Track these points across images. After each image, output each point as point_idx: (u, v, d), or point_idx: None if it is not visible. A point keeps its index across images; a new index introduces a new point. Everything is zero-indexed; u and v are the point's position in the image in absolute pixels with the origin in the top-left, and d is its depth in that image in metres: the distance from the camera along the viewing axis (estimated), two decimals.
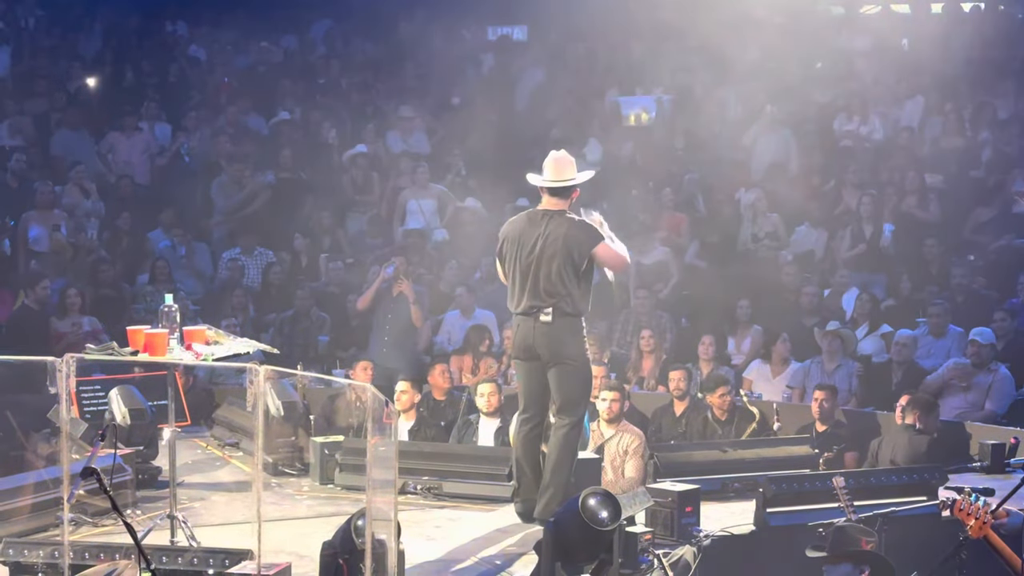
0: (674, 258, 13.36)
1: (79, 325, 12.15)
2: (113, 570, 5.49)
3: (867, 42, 15.87)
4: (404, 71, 16.25)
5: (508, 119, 15.50)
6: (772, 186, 13.87)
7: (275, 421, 9.82)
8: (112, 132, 15.30)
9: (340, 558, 6.64)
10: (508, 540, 8.24)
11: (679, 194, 14.15)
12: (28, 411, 9.70)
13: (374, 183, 14.94)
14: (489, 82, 16.16)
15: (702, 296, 12.73)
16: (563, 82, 15.50)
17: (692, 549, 7.57)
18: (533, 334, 7.98)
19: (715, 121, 14.94)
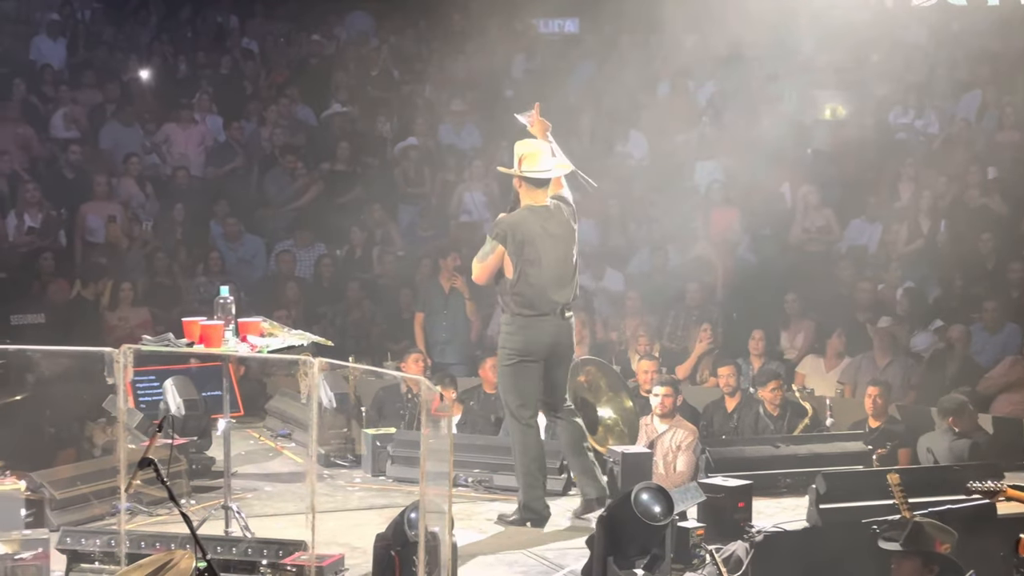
0: (724, 252, 13.32)
1: (131, 317, 12.26)
2: (169, 560, 5.52)
3: (923, 34, 15.72)
4: (456, 64, 16.26)
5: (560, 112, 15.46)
6: (825, 180, 13.78)
7: (328, 413, 9.90)
8: (168, 124, 15.41)
9: (392, 550, 6.67)
10: (559, 534, 8.26)
11: (730, 188, 14.10)
12: (84, 401, 9.82)
13: (425, 176, 14.98)
14: (541, 75, 16.14)
15: (752, 290, 12.68)
16: (615, 75, 15.45)
17: (744, 545, 7.55)
18: (558, 332, 8.10)
19: (768, 114, 14.84)
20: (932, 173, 13.67)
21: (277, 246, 14.05)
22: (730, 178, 14.02)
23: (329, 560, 6.63)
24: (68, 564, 6.95)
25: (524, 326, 8.07)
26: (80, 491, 8.32)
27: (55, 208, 13.82)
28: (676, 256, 13.42)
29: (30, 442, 9.28)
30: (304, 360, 6.95)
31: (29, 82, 15.53)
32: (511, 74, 16.35)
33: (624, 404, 10.14)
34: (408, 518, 6.49)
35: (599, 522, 6.67)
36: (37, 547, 6.80)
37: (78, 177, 14.28)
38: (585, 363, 10.36)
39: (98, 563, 6.89)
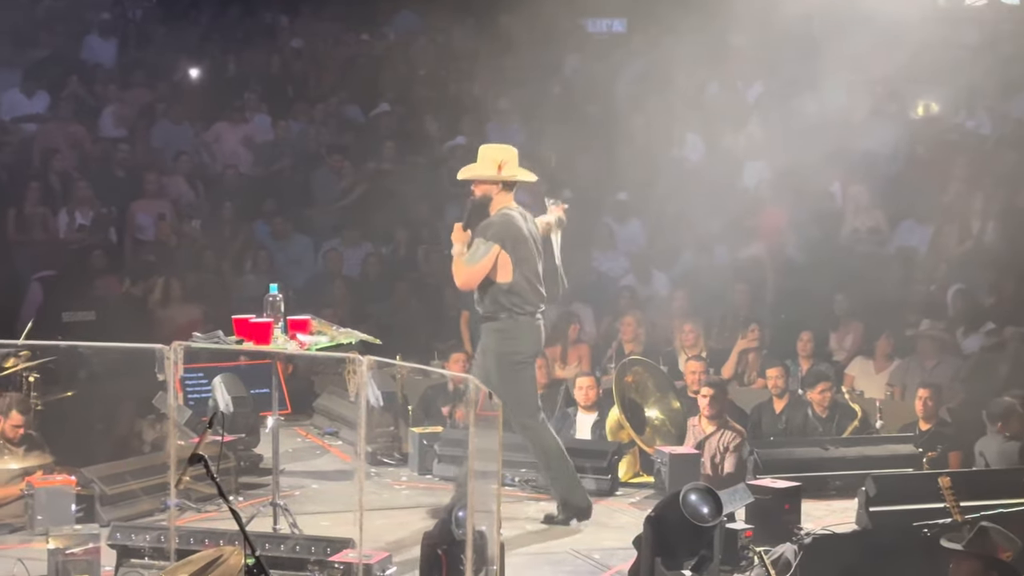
0: (772, 252, 13.25)
1: (180, 315, 12.34)
2: (219, 556, 5.56)
3: (974, 34, 15.57)
4: (503, 63, 16.27)
5: (606, 112, 15.45)
6: (876, 181, 13.68)
7: (375, 411, 9.92)
8: (219, 122, 15.51)
9: (439, 549, 6.68)
10: (606, 534, 8.26)
11: (779, 188, 14.02)
12: (134, 397, 9.89)
13: None
14: (588, 74, 16.13)
15: (801, 291, 12.60)
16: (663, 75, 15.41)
17: (793, 547, 7.51)
18: (542, 334, 8.26)
19: (818, 114, 14.75)
20: (983, 174, 13.53)
21: (324, 245, 14.10)
22: (779, 178, 13.93)
23: (377, 558, 6.64)
24: (118, 559, 7.01)
25: (522, 326, 8.12)
26: (130, 487, 8.41)
27: (106, 206, 13.93)
28: (724, 256, 13.36)
29: (81, 438, 9.37)
30: (352, 358, 6.97)
31: (81, 81, 15.66)
32: (558, 73, 16.32)
33: (672, 405, 10.14)
34: (456, 516, 6.50)
35: (647, 522, 6.65)
36: (88, 542, 6.87)
37: (128, 175, 14.39)
38: (632, 363, 10.36)
39: (148, 558, 6.94)
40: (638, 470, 9.69)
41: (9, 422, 8.47)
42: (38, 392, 9.40)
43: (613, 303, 12.63)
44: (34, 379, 9.41)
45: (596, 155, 14.31)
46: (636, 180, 14.20)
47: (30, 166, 14.35)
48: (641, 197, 14.16)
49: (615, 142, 14.53)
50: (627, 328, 11.81)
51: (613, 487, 9.29)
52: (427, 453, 9.77)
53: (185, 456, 5.66)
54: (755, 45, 15.36)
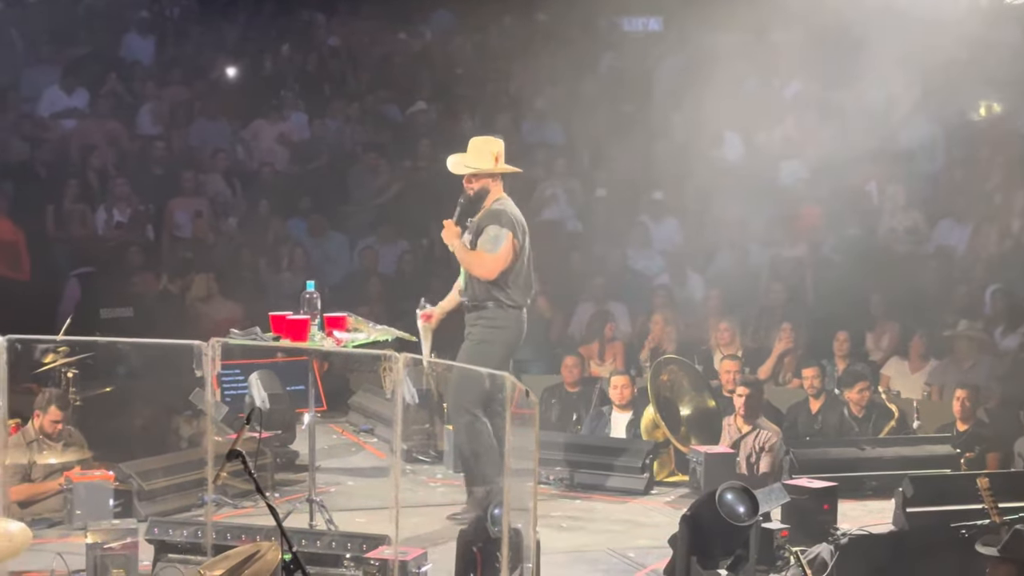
0: (808, 252, 13.19)
1: (217, 312, 12.40)
2: (256, 551, 5.57)
3: (1016, 33, 15.44)
4: (540, 62, 16.26)
5: (642, 110, 15.43)
6: (914, 180, 13.59)
7: (410, 408, 9.94)
8: (256, 120, 15.58)
9: (474, 547, 6.69)
10: (641, 533, 8.25)
11: (815, 187, 13.96)
12: (171, 394, 9.94)
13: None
14: (624, 73, 16.10)
15: (837, 290, 12.54)
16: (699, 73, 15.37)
17: (829, 547, 7.48)
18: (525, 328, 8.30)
19: (855, 112, 14.68)
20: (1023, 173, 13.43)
21: (360, 243, 14.13)
22: (816, 176, 13.88)
23: (412, 555, 6.65)
24: (156, 554, 7.05)
25: (514, 318, 8.15)
26: (167, 482, 8.47)
27: (143, 203, 14.01)
28: (760, 255, 13.32)
29: (118, 433, 9.42)
30: (388, 355, 6.99)
31: (119, 78, 15.76)
32: (594, 71, 16.30)
33: (707, 403, 10.13)
34: (491, 514, 6.50)
35: (683, 521, 6.64)
36: (126, 537, 6.90)
37: (166, 173, 14.47)
38: (667, 362, 10.35)
39: (185, 553, 6.97)
40: (673, 469, 9.68)
41: (48, 417, 8.53)
42: (77, 388, 9.45)
43: (648, 302, 12.61)
44: (72, 375, 9.47)
45: (631, 153, 14.28)
46: (672, 178, 14.17)
47: (69, 163, 14.45)
48: (677, 195, 14.13)
49: (651, 140, 14.50)
50: (656, 326, 11.80)
51: (648, 486, 9.28)
52: None
53: (222, 452, 5.69)
54: (793, 42, 15.29)
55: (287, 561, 5.42)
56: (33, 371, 9.36)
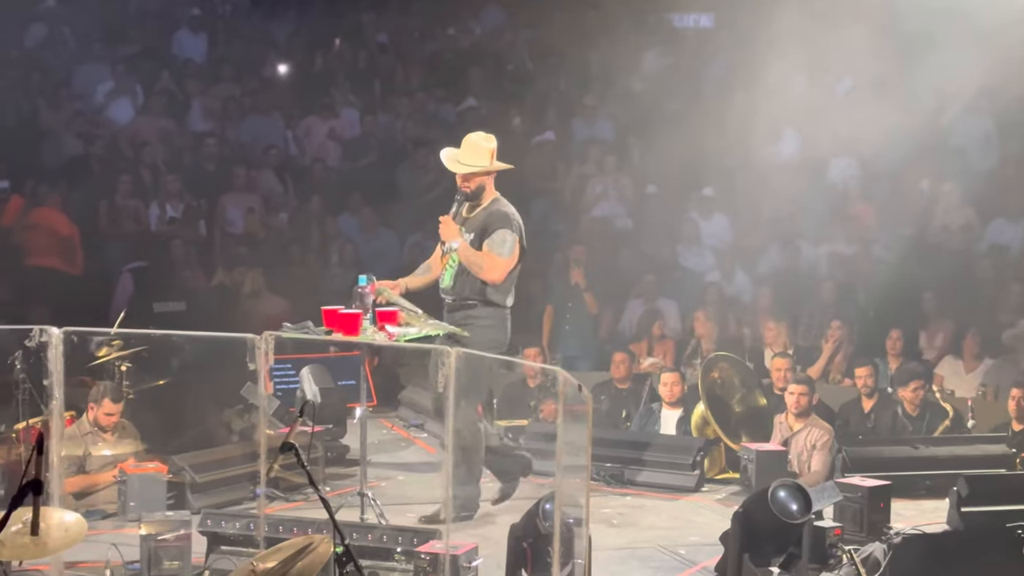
0: (860, 249, 13.09)
1: (268, 307, 12.46)
2: (308, 544, 5.58)
3: None
4: (590, 58, 16.24)
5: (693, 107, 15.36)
6: (967, 177, 13.46)
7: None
8: (308, 117, 15.65)
9: (524, 543, 6.67)
10: (691, 529, 8.23)
11: (867, 184, 13.86)
12: (222, 387, 9.98)
13: (558, 170, 14.99)
14: (675, 69, 16.04)
15: (889, 289, 12.44)
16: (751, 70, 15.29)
17: (882, 546, 7.41)
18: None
19: (907, 110, 14.55)
20: None
21: (409, 239, 14.15)
22: (867, 174, 13.77)
23: (463, 549, 6.64)
24: (208, 546, 7.08)
25: (502, 319, 8.16)
26: (219, 475, 8.51)
27: (195, 199, 14.11)
28: (810, 253, 13.24)
29: (172, 426, 9.48)
30: (441, 350, 6.99)
31: (171, 76, 15.87)
32: (644, 68, 16.25)
33: (758, 401, 10.08)
34: (542, 509, 6.48)
35: (735, 518, 6.60)
36: (179, 528, 6.93)
37: (218, 168, 14.56)
38: (718, 359, 10.31)
39: (237, 546, 7.00)
40: (724, 466, 9.64)
41: (102, 410, 8.60)
42: (130, 381, 9.53)
43: (698, 299, 12.57)
44: (126, 368, 9.55)
45: (682, 150, 14.22)
46: (722, 175, 14.11)
47: (122, 159, 14.56)
48: (727, 192, 14.07)
49: (701, 137, 14.43)
50: (699, 324, 11.75)
51: (699, 483, 9.25)
52: None
53: (274, 446, 5.71)
54: (845, 39, 15.17)
55: (339, 554, 5.43)
56: (87, 364, 9.43)
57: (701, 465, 9.31)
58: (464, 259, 8.04)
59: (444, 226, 8.15)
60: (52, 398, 6.81)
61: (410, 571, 6.66)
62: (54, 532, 5.25)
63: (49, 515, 5.27)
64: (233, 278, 13.02)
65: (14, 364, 8.29)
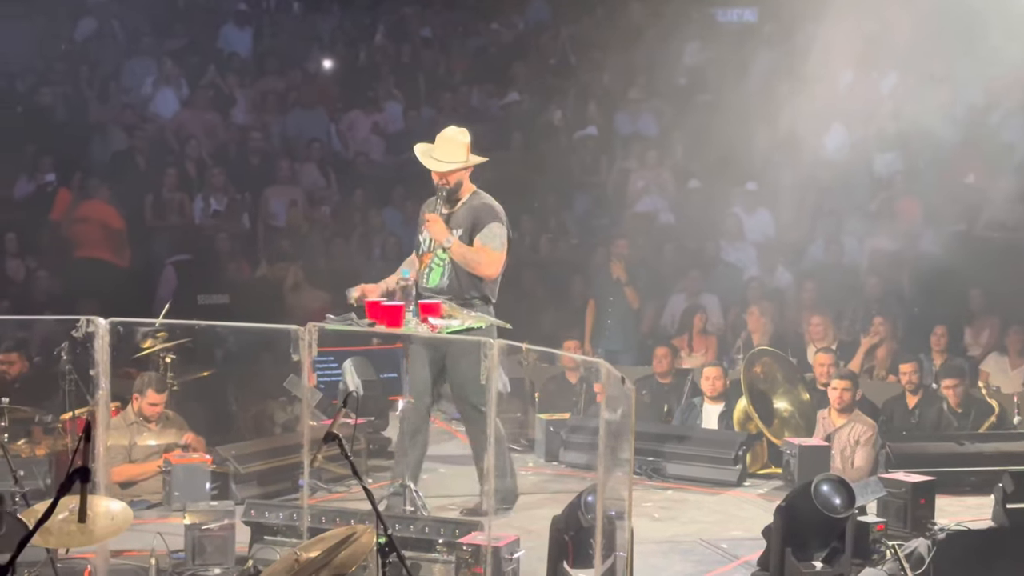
0: (906, 245, 13.00)
1: (311, 299, 12.51)
2: (351, 534, 5.61)
3: None
4: (634, 52, 16.20)
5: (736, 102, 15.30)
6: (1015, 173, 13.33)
7: (502, 397, 9.93)
8: (352, 111, 15.70)
9: (566, 535, 6.67)
10: (733, 524, 8.20)
11: (913, 180, 13.75)
12: (266, 379, 10.05)
13: (601, 164, 14.97)
14: (719, 64, 15.98)
15: (935, 284, 12.35)
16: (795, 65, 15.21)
17: (926, 542, 7.37)
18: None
19: (953, 104, 14.44)
20: None
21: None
22: (913, 169, 13.67)
23: (505, 541, 6.66)
24: (252, 535, 7.13)
25: (493, 314, 8.08)
26: (263, 466, 8.56)
27: (239, 192, 14.19)
28: (855, 248, 13.16)
29: (216, 417, 9.55)
30: (483, 342, 6.99)
31: (217, 70, 15.97)
32: (688, 63, 16.20)
33: (800, 396, 10.03)
34: (584, 502, 6.48)
35: (778, 512, 6.59)
36: (223, 518, 6.97)
37: (262, 162, 14.63)
38: (761, 354, 10.27)
39: (281, 536, 7.04)
40: (766, 461, 9.61)
41: (146, 400, 8.67)
42: (175, 372, 9.59)
43: (740, 293, 12.52)
44: (171, 360, 9.61)
45: (724, 145, 14.18)
46: (766, 170, 14.04)
47: (167, 153, 14.66)
48: (770, 187, 14.00)
49: (744, 132, 14.37)
50: (753, 319, 11.71)
51: (741, 478, 9.22)
52: (554, 440, 9.79)
53: (317, 437, 5.74)
54: (891, 34, 15.08)
55: (382, 544, 5.45)
56: (133, 356, 9.50)
57: (743, 460, 9.29)
58: (459, 256, 7.92)
59: (434, 225, 8.01)
60: (98, 388, 6.88)
61: (452, 562, 6.68)
62: (100, 520, 5.30)
63: (95, 504, 5.32)
64: (275, 271, 13.08)
65: (60, 355, 8.37)
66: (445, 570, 6.71)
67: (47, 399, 8.90)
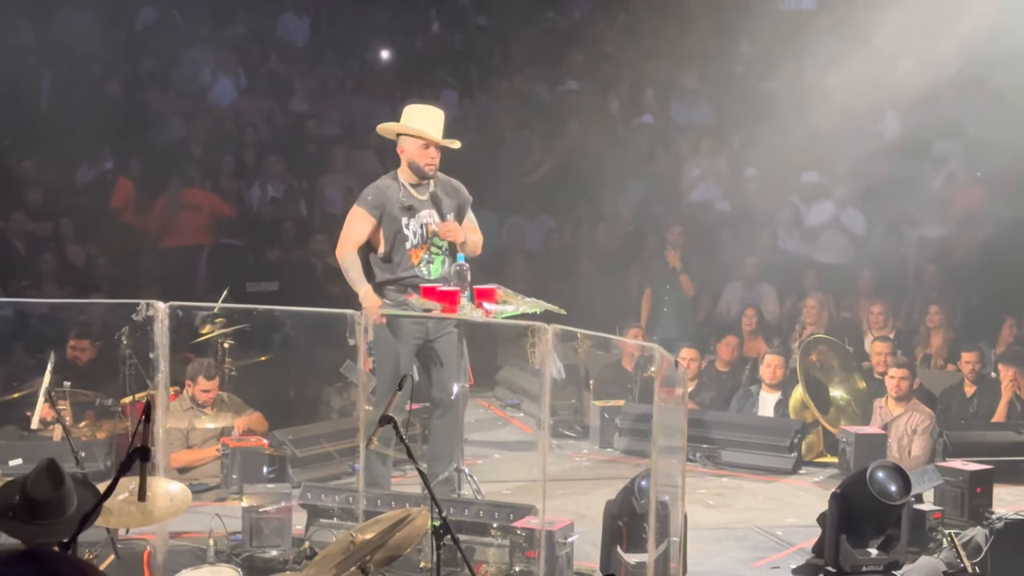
0: (967, 232, 12.87)
1: None
2: (406, 516, 5.65)
3: None
4: (690, 41, 16.13)
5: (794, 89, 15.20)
6: None
7: (557, 384, 9.95)
8: (408, 99, 15.73)
9: (619, 520, 6.68)
10: (788, 511, 8.18)
11: (975, 167, 13.61)
12: (322, 365, 10.10)
13: (656, 153, 14.93)
14: (776, 51, 15.87)
15: (998, 272, 12.21)
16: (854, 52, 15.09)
17: (984, 531, 7.31)
18: None
19: (1014, 91, 14.26)
20: None
21: (507, 220, 14.19)
22: (975, 157, 13.53)
23: (559, 525, 6.68)
24: (308, 518, 7.19)
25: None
26: (319, 450, 8.62)
27: (296, 179, 14.27)
28: (913, 236, 13.05)
29: (273, 401, 9.61)
30: (537, 327, 7.01)
31: (277, 58, 16.07)
32: (745, 50, 16.11)
33: (857, 385, 9.98)
34: (638, 487, 6.48)
35: (833, 499, 6.56)
36: (280, 501, 7.04)
37: (319, 150, 14.71)
38: (817, 342, 10.22)
39: (336, 518, 7.10)
40: (822, 450, 9.58)
41: (197, 387, 8.75)
42: (232, 357, 9.67)
43: (797, 282, 12.46)
44: (229, 345, 9.69)
45: (782, 133, 14.09)
46: (824, 158, 13.94)
47: (226, 140, 14.77)
48: (829, 175, 13.91)
49: (802, 120, 14.27)
50: (810, 311, 11.64)
51: (797, 466, 9.19)
52: (608, 427, 9.80)
53: (373, 420, 5.77)
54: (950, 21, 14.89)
55: (436, 527, 5.48)
56: (191, 341, 9.60)
57: (799, 448, 9.26)
58: (474, 246, 7.82)
59: (455, 230, 7.78)
60: (158, 371, 6.95)
61: (506, 546, 6.70)
62: (159, 501, 5.36)
63: (155, 485, 5.38)
64: (329, 260, 13.12)
65: (121, 340, 8.46)
66: (499, 553, 6.74)
67: (108, 383, 9.00)
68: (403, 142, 7.93)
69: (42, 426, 8.46)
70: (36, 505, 4.71)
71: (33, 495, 4.73)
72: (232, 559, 6.72)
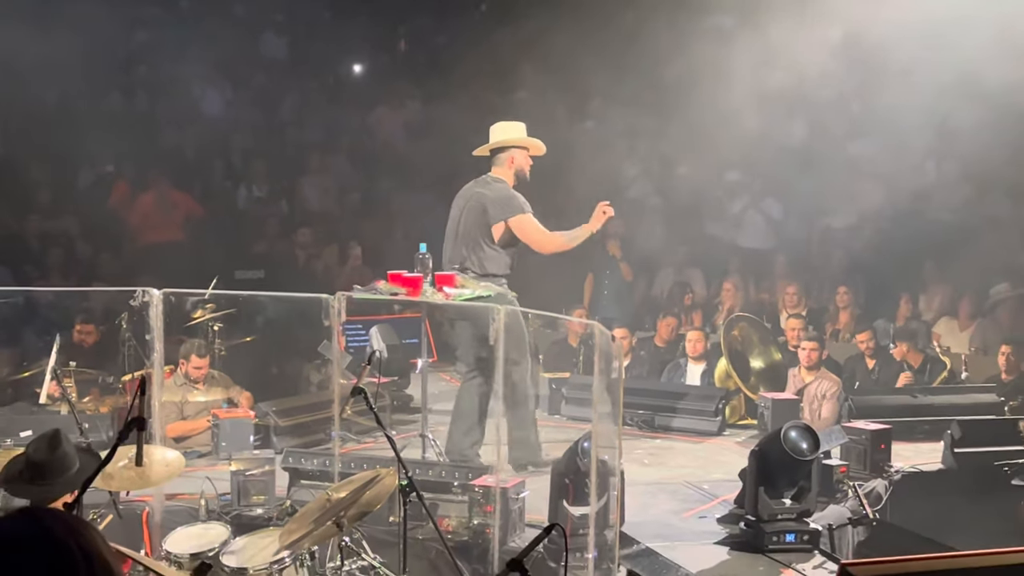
0: (869, 221, 12.96)
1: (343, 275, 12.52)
2: (376, 476, 5.65)
3: None
4: (628, 55, 16.08)
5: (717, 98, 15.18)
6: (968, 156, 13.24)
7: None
8: (379, 107, 15.72)
9: (566, 478, 6.71)
10: (714, 468, 8.23)
11: (878, 164, 13.68)
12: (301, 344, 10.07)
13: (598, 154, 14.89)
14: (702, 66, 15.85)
15: (897, 257, 12.30)
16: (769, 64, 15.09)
17: (884, 482, 7.40)
18: None
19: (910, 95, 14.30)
20: None
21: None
22: (877, 154, 13.61)
23: (512, 483, 6.70)
24: (290, 480, 7.19)
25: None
26: (299, 420, 8.60)
27: (278, 180, 14.19)
28: (823, 225, 13.13)
29: (258, 377, 9.58)
30: (492, 308, 7.01)
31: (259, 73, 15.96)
32: (677, 64, 16.05)
33: (774, 356, 10.05)
34: (581, 448, 6.51)
35: (751, 456, 6.59)
36: (264, 465, 7.03)
37: (298, 154, 14.64)
38: (739, 320, 10.28)
39: (315, 480, 7.10)
40: (743, 414, 9.64)
41: (191, 365, 8.70)
42: (222, 338, 9.63)
43: (721, 267, 12.53)
44: (218, 328, 9.65)
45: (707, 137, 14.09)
46: (745, 159, 13.93)
47: (215, 146, 14.66)
48: (749, 174, 13.93)
49: (725, 125, 14.26)
50: (727, 292, 11.72)
51: (721, 428, 9.25)
52: (556, 395, 9.81)
53: (347, 394, 5.76)
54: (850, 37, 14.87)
55: (403, 486, 5.49)
56: (184, 324, 9.55)
57: (723, 412, 9.31)
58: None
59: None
60: (153, 351, 6.91)
61: (466, 502, 6.72)
62: (156, 467, 5.34)
63: (152, 452, 5.36)
64: (309, 251, 13.09)
65: (120, 324, 8.41)
66: (460, 508, 6.75)
67: (109, 362, 8.95)
68: (514, 152, 8.00)
69: (50, 401, 8.40)
70: (36, 467, 4.69)
71: (34, 459, 4.71)
72: (222, 517, 6.69)
